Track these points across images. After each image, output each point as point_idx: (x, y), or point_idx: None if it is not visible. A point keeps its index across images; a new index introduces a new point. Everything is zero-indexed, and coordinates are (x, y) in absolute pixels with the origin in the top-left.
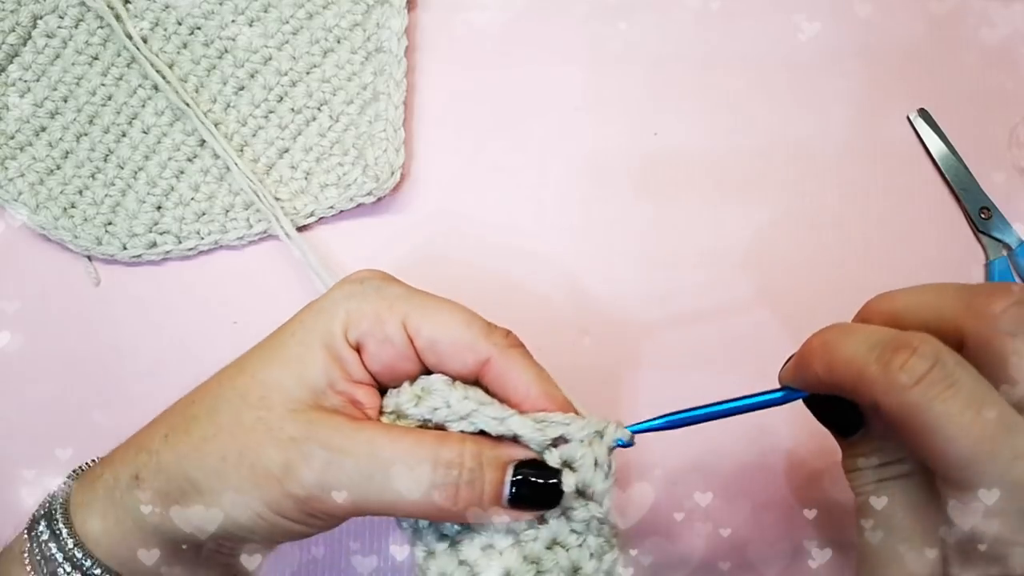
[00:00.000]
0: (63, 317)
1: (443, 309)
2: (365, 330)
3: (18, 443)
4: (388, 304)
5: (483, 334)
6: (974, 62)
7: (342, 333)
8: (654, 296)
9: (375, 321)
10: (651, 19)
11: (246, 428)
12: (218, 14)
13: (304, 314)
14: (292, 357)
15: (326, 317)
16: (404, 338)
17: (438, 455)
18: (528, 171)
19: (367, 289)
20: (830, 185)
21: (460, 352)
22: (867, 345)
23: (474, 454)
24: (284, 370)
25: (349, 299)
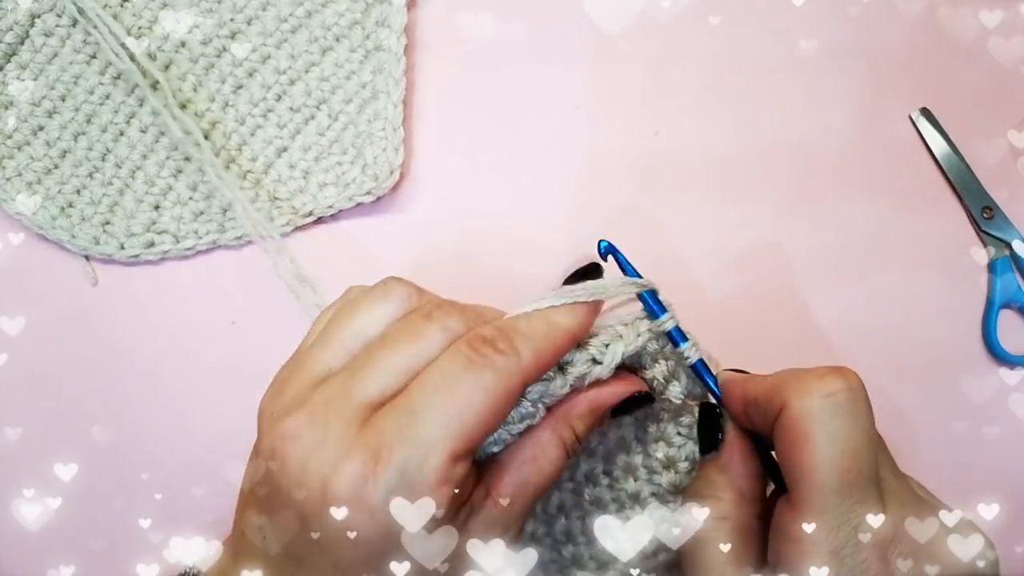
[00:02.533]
0: (61, 317)
1: (459, 410)
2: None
3: (17, 441)
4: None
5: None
6: (976, 61)
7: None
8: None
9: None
10: (651, 19)
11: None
12: (216, 12)
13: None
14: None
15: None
16: (467, 464)
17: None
18: (528, 170)
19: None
20: (831, 185)
21: (507, 411)
22: (794, 372)
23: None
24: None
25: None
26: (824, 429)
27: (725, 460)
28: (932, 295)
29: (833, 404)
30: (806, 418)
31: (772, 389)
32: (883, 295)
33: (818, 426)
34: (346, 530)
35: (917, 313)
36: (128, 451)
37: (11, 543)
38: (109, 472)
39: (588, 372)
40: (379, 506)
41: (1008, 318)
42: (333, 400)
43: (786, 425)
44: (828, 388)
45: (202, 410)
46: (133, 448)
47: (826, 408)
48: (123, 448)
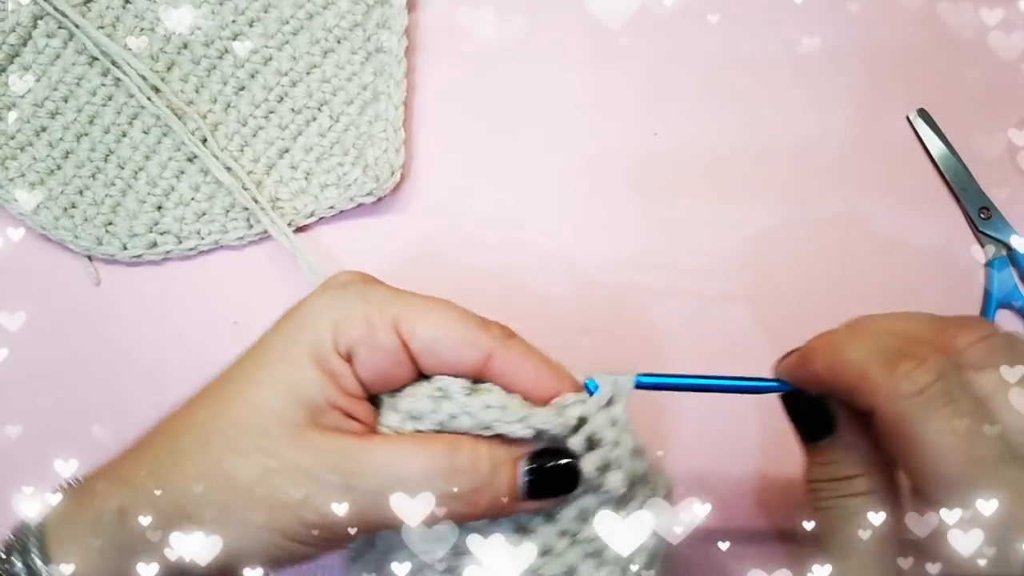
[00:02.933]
0: (63, 317)
1: (436, 308)
2: (355, 338)
3: (18, 441)
4: (377, 308)
5: (481, 329)
6: (974, 62)
7: (331, 344)
8: (654, 296)
9: (365, 327)
10: (651, 19)
11: (247, 460)
12: (218, 14)
13: (286, 326)
14: (281, 376)
15: (311, 328)
16: (397, 342)
17: (454, 464)
18: (528, 171)
19: (351, 294)
20: (830, 185)
21: (461, 349)
22: (874, 349)
23: (488, 457)
24: (275, 391)
25: (333, 306)
26: (924, 430)
27: (849, 441)
28: (930, 295)
29: (925, 403)
30: (903, 423)
31: (858, 384)
32: (881, 295)
33: (918, 428)
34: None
35: None
36: None
37: None
38: None
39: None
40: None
41: (1006, 318)
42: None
43: (885, 431)
44: (916, 384)
45: None
46: None
47: (918, 409)
48: (123, 447)
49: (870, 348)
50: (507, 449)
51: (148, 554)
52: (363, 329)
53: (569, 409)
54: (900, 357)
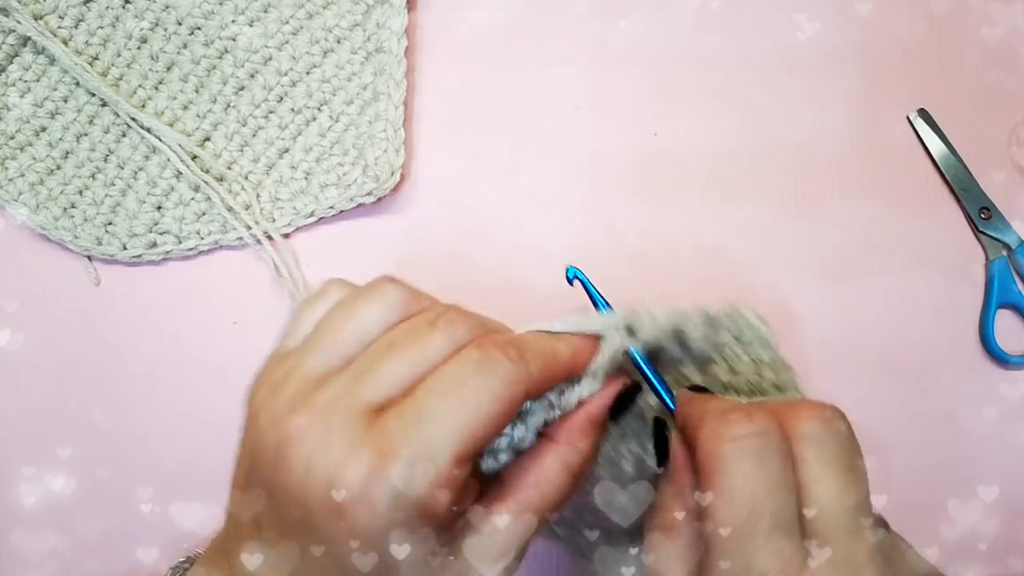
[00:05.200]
0: (63, 317)
1: (465, 415)
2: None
3: (18, 442)
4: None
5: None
6: (974, 62)
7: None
8: (654, 296)
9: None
10: (651, 19)
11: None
12: (218, 14)
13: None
14: None
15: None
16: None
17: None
18: (528, 171)
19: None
20: (830, 185)
21: (510, 416)
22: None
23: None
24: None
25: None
26: (726, 473)
27: (673, 473)
28: (930, 295)
29: (738, 450)
30: (710, 460)
31: (690, 421)
32: (881, 295)
33: (721, 470)
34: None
35: (915, 313)
36: (130, 450)
37: (11, 543)
38: (109, 471)
39: (548, 417)
40: (385, 507)
41: (1005, 318)
42: (336, 401)
43: (697, 463)
44: (737, 432)
45: (204, 410)
46: (135, 447)
47: (731, 454)
48: (125, 447)
49: (723, 404)
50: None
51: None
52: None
53: (605, 320)
54: (737, 410)
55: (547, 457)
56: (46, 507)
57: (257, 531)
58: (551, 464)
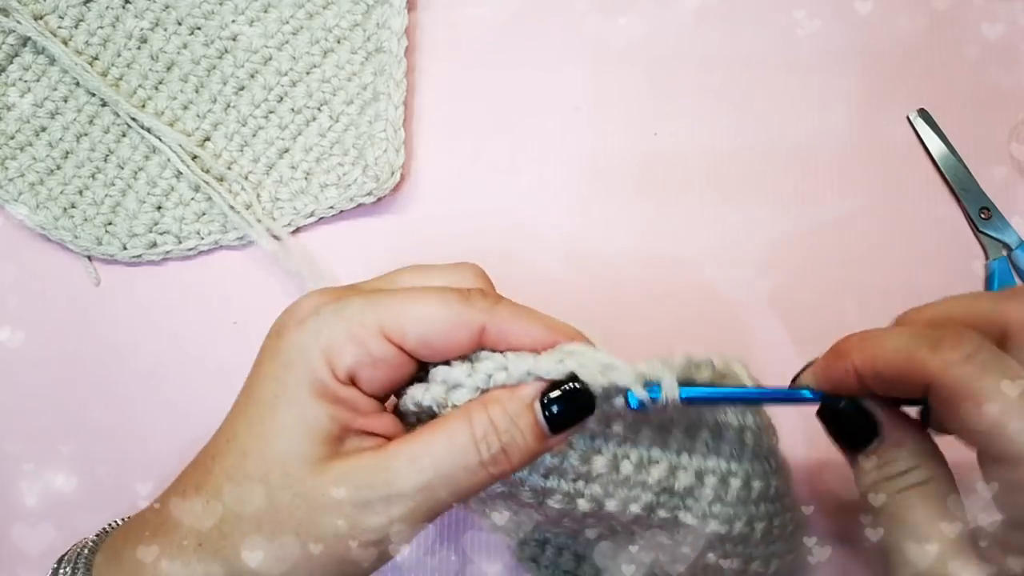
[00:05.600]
0: (63, 317)
1: (416, 301)
2: (350, 361)
3: (19, 442)
4: (358, 323)
5: (465, 305)
6: (974, 62)
7: (329, 374)
8: (653, 296)
9: (355, 347)
10: (651, 19)
11: (287, 511)
12: (218, 14)
13: (276, 370)
14: (291, 422)
15: (303, 364)
16: (392, 349)
17: (473, 437)
18: (528, 171)
19: (328, 317)
20: (830, 185)
21: (454, 335)
22: (910, 336)
23: (500, 413)
24: (291, 438)
25: (317, 336)
26: (982, 388)
27: (895, 438)
28: (930, 295)
29: (978, 365)
30: (961, 386)
31: (906, 367)
32: (881, 295)
33: (975, 387)
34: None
35: None
36: (130, 450)
37: (11, 543)
38: (109, 470)
39: (496, 379)
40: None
41: None
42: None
43: (945, 399)
44: (964, 352)
45: (204, 410)
46: (135, 447)
47: (972, 371)
48: (125, 447)
49: (905, 336)
50: (515, 396)
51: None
52: (354, 349)
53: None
54: (939, 336)
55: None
56: (46, 504)
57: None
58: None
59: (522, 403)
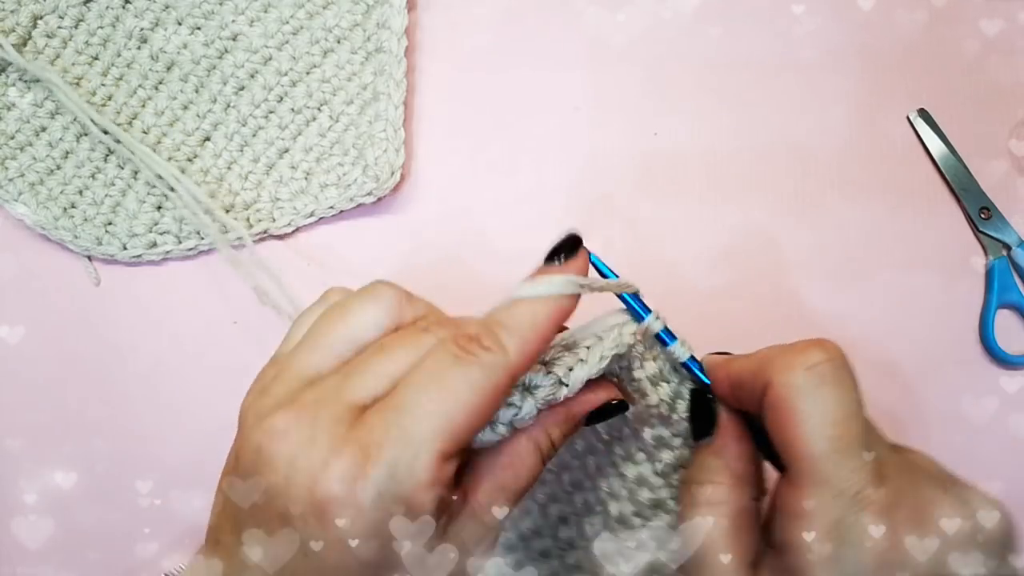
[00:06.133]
0: (63, 317)
1: (447, 405)
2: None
3: (18, 442)
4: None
5: (494, 375)
6: (974, 62)
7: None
8: (654, 296)
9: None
10: (651, 19)
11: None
12: (218, 14)
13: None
14: None
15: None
16: (455, 462)
17: (539, 445)
18: (528, 171)
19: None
20: (830, 185)
21: (495, 406)
22: (780, 347)
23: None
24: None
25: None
26: (810, 400)
27: (719, 444)
28: (930, 295)
29: (816, 375)
30: (791, 392)
31: (756, 367)
32: (881, 295)
33: (803, 398)
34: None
35: (915, 313)
36: (129, 450)
37: (11, 543)
38: (109, 471)
39: (555, 394)
40: (369, 506)
41: (1006, 318)
42: (324, 400)
43: (773, 401)
44: (809, 360)
45: (204, 410)
46: (134, 447)
47: (810, 380)
48: (124, 447)
49: (777, 347)
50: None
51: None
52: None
53: (620, 333)
54: (805, 343)
55: (520, 439)
56: (46, 503)
57: (246, 524)
58: (524, 446)
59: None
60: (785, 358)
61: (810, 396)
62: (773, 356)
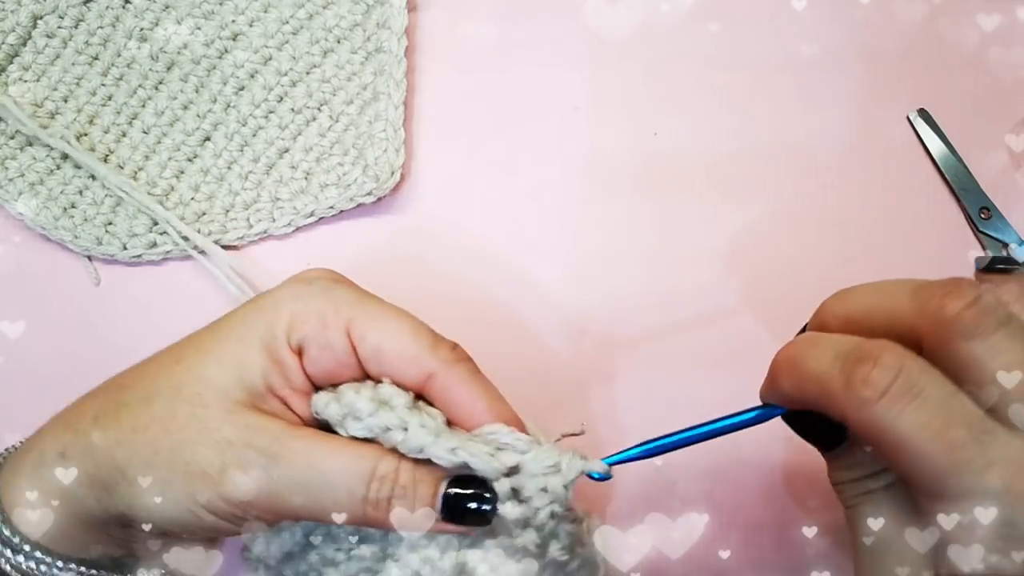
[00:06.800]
0: (63, 317)
1: (390, 317)
2: (307, 334)
3: (18, 438)
4: (334, 307)
5: (428, 346)
6: (974, 62)
7: (284, 335)
8: (654, 296)
9: (319, 324)
10: (651, 19)
11: (180, 423)
12: (218, 14)
13: (247, 310)
14: (231, 355)
15: (269, 316)
16: (347, 344)
17: (375, 470)
18: (528, 171)
19: (314, 290)
20: (830, 185)
21: (404, 363)
22: (831, 357)
23: (409, 469)
24: (222, 368)
25: (295, 299)
26: (897, 432)
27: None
28: None
29: (890, 403)
30: (874, 430)
31: (823, 401)
32: None
33: (890, 432)
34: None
35: None
36: None
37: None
38: None
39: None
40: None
41: None
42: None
43: (863, 440)
44: (877, 389)
45: None
46: None
47: (884, 412)
48: None
49: (826, 357)
50: (432, 469)
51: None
52: (316, 326)
53: (502, 455)
54: (855, 361)
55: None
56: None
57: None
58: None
59: (432, 474)
60: (852, 393)
61: (896, 427)
62: (837, 389)
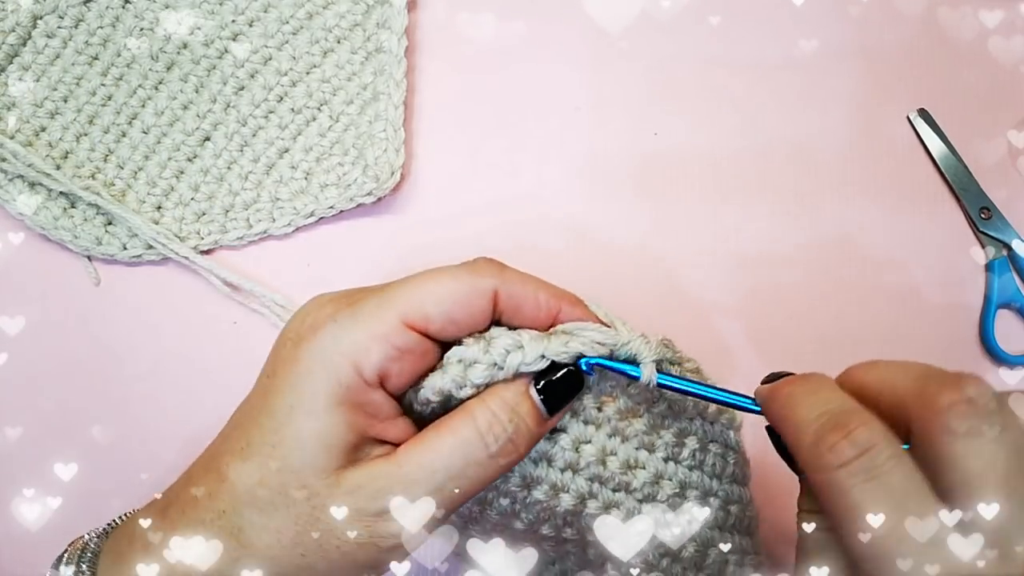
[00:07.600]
0: (63, 317)
1: (427, 282)
2: (378, 359)
3: (18, 440)
4: (378, 319)
5: (475, 275)
6: (974, 62)
7: (358, 378)
8: (654, 295)
9: (381, 343)
10: (651, 19)
11: (308, 521)
12: (218, 14)
13: (291, 380)
14: (309, 433)
15: (324, 373)
16: (415, 336)
17: (479, 431)
18: (528, 171)
19: (344, 322)
20: (830, 185)
21: (472, 303)
22: (817, 412)
23: (501, 404)
24: (309, 449)
25: (337, 342)
26: (843, 503)
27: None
28: (930, 295)
29: (847, 475)
30: (824, 492)
31: (792, 446)
32: (881, 295)
33: (837, 500)
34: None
35: (915, 313)
36: (129, 450)
37: (11, 543)
38: (109, 471)
39: (492, 377)
40: (329, 344)
41: (1006, 318)
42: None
43: (816, 494)
44: (840, 458)
45: (203, 409)
46: (134, 447)
47: (838, 480)
48: (124, 447)
49: (815, 410)
50: (511, 387)
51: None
52: (380, 347)
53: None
54: (832, 427)
55: (468, 430)
56: (41, 511)
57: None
58: (472, 439)
59: (519, 391)
60: (814, 453)
61: (843, 497)
62: (806, 445)
